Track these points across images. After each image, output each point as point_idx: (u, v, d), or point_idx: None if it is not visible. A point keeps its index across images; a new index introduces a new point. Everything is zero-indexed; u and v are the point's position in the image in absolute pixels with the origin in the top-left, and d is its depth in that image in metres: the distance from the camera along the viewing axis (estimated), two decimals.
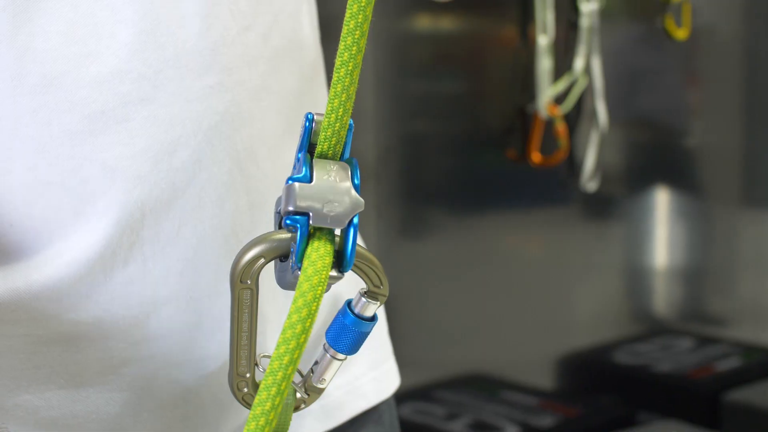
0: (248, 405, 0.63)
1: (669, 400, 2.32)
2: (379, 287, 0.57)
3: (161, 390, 0.70)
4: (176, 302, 0.68)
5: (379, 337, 0.86)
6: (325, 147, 0.55)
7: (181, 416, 0.71)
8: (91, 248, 0.65)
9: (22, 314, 0.66)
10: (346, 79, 0.55)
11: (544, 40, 2.12)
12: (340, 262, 0.54)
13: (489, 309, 2.16)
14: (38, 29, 0.62)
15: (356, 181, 0.54)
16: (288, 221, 0.53)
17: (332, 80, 0.55)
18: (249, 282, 0.58)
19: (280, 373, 0.51)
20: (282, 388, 0.51)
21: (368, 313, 0.57)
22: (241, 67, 0.68)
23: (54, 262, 0.65)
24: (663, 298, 2.56)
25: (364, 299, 0.57)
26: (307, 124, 0.56)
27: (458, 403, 2.09)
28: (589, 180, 2.25)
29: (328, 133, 0.55)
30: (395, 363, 0.87)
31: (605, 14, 2.21)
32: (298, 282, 0.52)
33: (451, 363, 2.12)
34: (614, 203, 2.40)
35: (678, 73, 2.49)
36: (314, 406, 0.75)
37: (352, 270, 0.57)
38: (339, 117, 0.55)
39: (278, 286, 0.59)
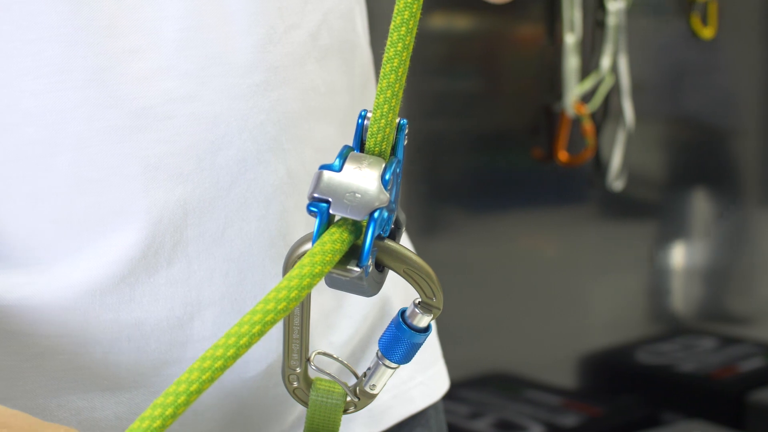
0: (299, 399, 0.63)
1: (692, 401, 2.31)
2: (432, 299, 0.56)
3: (204, 392, 0.69)
4: (220, 304, 0.68)
5: (428, 339, 0.85)
6: (371, 144, 0.55)
7: (221, 417, 0.70)
8: (133, 247, 0.65)
9: (63, 315, 0.65)
10: (391, 76, 0.54)
11: (571, 39, 2.11)
12: (359, 256, 0.53)
13: (512, 308, 2.16)
14: (82, 22, 0.62)
15: (386, 176, 0.53)
16: (310, 207, 0.53)
17: (379, 77, 0.55)
18: None
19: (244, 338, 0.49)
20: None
21: (421, 325, 0.57)
22: (288, 65, 0.67)
23: (96, 261, 0.65)
24: (685, 298, 2.55)
25: (417, 311, 0.56)
26: (360, 120, 0.56)
27: (481, 402, 2.08)
28: (615, 179, 2.24)
29: (374, 130, 0.55)
30: (444, 366, 0.85)
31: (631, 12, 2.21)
32: (300, 261, 0.51)
33: (474, 362, 2.11)
34: (638, 203, 2.40)
35: (706, 71, 2.48)
36: (363, 410, 0.75)
37: (404, 278, 0.56)
38: (384, 114, 0.54)
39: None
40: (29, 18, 0.61)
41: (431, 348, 0.84)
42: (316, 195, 0.53)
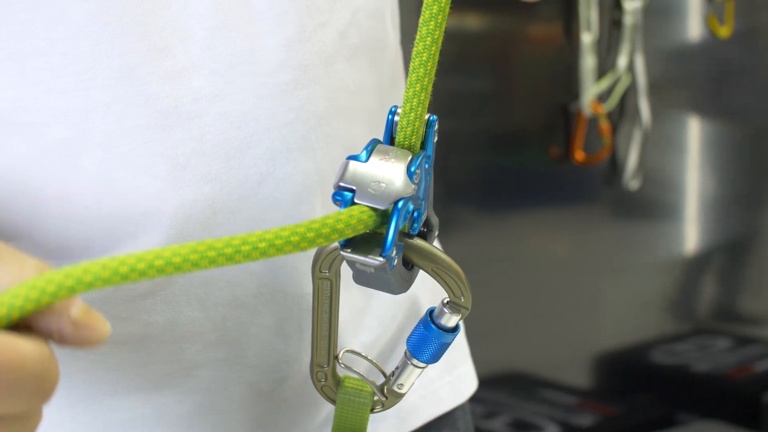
0: (327, 397, 0.62)
1: (708, 401, 2.30)
2: (460, 298, 0.56)
3: (234, 393, 0.68)
4: (253, 304, 0.67)
5: (456, 338, 0.85)
6: (401, 138, 0.55)
7: (250, 418, 0.70)
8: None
9: None
10: (420, 70, 0.55)
11: (587, 38, 2.11)
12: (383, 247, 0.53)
13: (527, 307, 2.16)
14: (111, 20, 0.61)
15: (412, 168, 0.53)
16: (335, 196, 0.53)
17: (408, 71, 0.55)
18: (327, 272, 0.59)
19: None
20: None
21: (450, 324, 0.57)
22: (317, 64, 0.67)
23: None
24: (700, 298, 2.54)
25: (445, 310, 0.57)
26: (390, 116, 0.56)
27: (496, 402, 2.08)
28: (631, 178, 2.24)
29: (403, 124, 0.55)
30: (472, 365, 0.85)
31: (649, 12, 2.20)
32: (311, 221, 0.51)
33: (489, 361, 2.11)
34: (653, 202, 2.39)
35: (722, 70, 2.48)
36: (391, 410, 0.74)
37: (432, 277, 0.56)
38: (413, 107, 0.55)
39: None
40: (58, 16, 0.61)
41: (459, 347, 0.84)
42: (341, 184, 0.53)
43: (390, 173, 0.53)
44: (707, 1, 2.35)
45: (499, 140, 2.12)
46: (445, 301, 0.57)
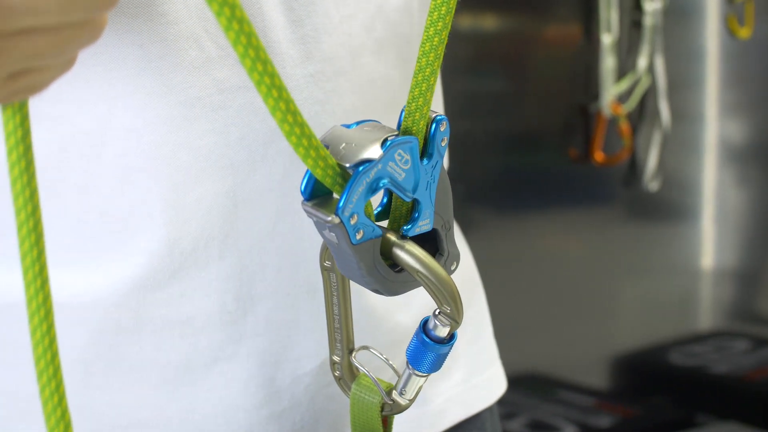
0: (343, 390, 0.62)
1: (726, 402, 2.30)
2: (447, 309, 0.55)
3: (257, 389, 0.68)
4: (273, 298, 0.67)
5: (483, 340, 0.83)
6: (409, 123, 0.56)
7: (269, 415, 0.69)
8: (183, 240, 0.64)
9: (114, 311, 0.65)
10: (427, 69, 0.55)
11: (607, 39, 2.10)
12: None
13: (545, 308, 2.15)
14: (137, 10, 0.61)
15: (388, 142, 0.54)
16: None
17: (415, 70, 0.56)
18: (329, 264, 0.59)
19: None
20: None
21: (441, 335, 0.56)
22: (343, 56, 0.66)
23: (145, 254, 0.64)
24: (718, 299, 2.53)
25: (435, 321, 0.56)
26: (402, 114, 0.57)
27: (514, 403, 2.08)
28: (651, 180, 2.24)
29: (408, 123, 0.56)
30: (500, 367, 0.84)
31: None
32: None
33: (506, 362, 2.09)
34: (672, 203, 2.39)
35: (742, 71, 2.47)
36: (415, 413, 0.73)
37: (421, 284, 0.56)
38: (419, 107, 0.55)
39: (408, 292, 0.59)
40: None
41: (487, 349, 0.83)
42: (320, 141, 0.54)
43: (364, 139, 0.54)
44: (727, 3, 2.34)
45: (519, 141, 2.12)
46: (436, 312, 0.56)
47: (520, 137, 2.12)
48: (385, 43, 0.69)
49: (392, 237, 0.55)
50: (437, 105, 0.78)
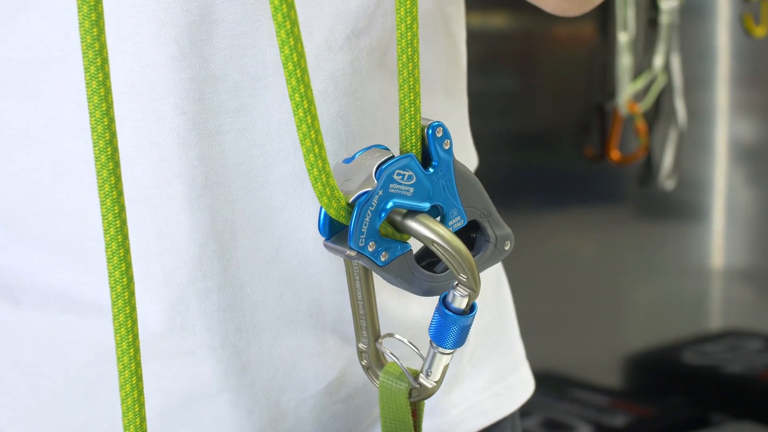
0: (370, 378, 0.62)
1: (741, 402, 2.29)
2: (464, 278, 0.56)
3: (261, 414, 0.66)
4: (276, 326, 0.64)
5: (506, 344, 0.80)
6: (402, 147, 0.57)
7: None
8: (179, 271, 0.62)
9: (111, 347, 0.62)
10: (411, 80, 0.57)
11: (624, 37, 2.10)
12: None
13: (558, 308, 2.15)
14: (126, 30, 0.58)
15: (383, 167, 0.55)
16: None
17: (399, 83, 0.57)
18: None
19: None
20: None
21: (462, 306, 0.57)
22: (350, 74, 0.62)
23: (142, 286, 0.61)
24: (731, 299, 2.53)
25: (454, 293, 0.57)
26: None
27: (528, 402, 2.07)
28: (666, 179, 2.23)
29: (404, 136, 0.57)
30: (527, 371, 0.81)
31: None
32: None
33: None
34: (687, 202, 2.38)
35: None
36: (432, 424, 0.71)
37: (436, 254, 0.57)
38: (413, 116, 0.56)
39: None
40: (74, 26, 0.56)
41: (511, 354, 0.80)
42: None
43: (360, 171, 0.56)
44: (743, 1, 2.34)
45: (534, 140, 2.12)
46: (454, 284, 0.57)
47: (535, 136, 2.12)
48: (388, 61, 0.66)
49: (403, 211, 0.57)
50: (461, 106, 0.75)
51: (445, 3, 0.70)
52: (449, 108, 0.71)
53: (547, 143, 2.15)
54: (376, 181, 0.55)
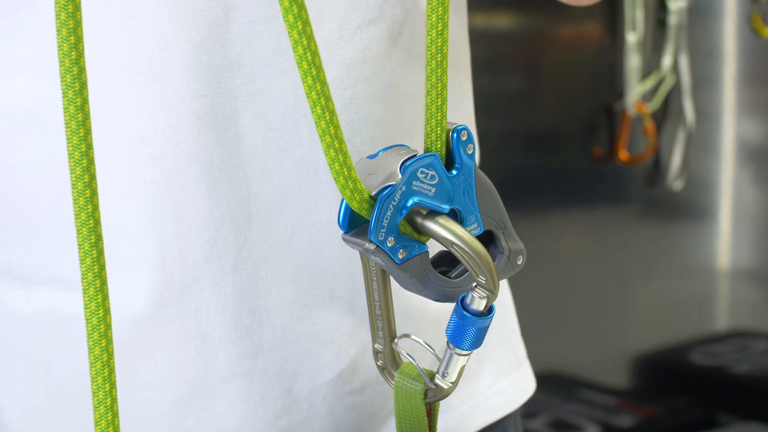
0: (386, 378, 0.62)
1: (748, 402, 2.29)
2: (483, 280, 0.56)
3: (274, 400, 0.66)
4: (290, 310, 0.65)
5: (508, 342, 0.81)
6: (427, 144, 0.57)
7: (287, 426, 0.68)
8: (194, 252, 0.62)
9: (129, 327, 0.63)
10: (432, 77, 0.56)
11: (632, 38, 2.10)
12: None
13: (565, 307, 2.15)
14: (147, 15, 0.59)
15: (407, 164, 0.55)
16: None
17: (426, 81, 0.56)
18: None
19: None
20: None
21: (479, 308, 0.57)
22: (362, 62, 0.63)
23: (157, 268, 0.62)
24: (738, 299, 2.53)
25: (473, 294, 0.57)
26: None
27: (535, 402, 2.07)
28: (675, 179, 2.23)
29: (427, 130, 0.57)
30: (528, 369, 0.82)
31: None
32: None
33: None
34: (694, 202, 2.38)
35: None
36: (439, 421, 0.70)
37: (456, 256, 0.57)
38: (433, 114, 0.56)
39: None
40: (95, 11, 0.58)
41: (512, 352, 0.80)
42: None
43: (384, 166, 0.56)
44: (751, 1, 2.34)
45: (543, 140, 2.12)
46: (473, 285, 0.57)
47: (544, 136, 2.12)
48: (412, 51, 0.67)
49: (424, 211, 0.57)
50: (467, 107, 0.76)
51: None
52: (453, 105, 0.71)
53: (556, 143, 2.15)
54: (400, 176, 0.55)
